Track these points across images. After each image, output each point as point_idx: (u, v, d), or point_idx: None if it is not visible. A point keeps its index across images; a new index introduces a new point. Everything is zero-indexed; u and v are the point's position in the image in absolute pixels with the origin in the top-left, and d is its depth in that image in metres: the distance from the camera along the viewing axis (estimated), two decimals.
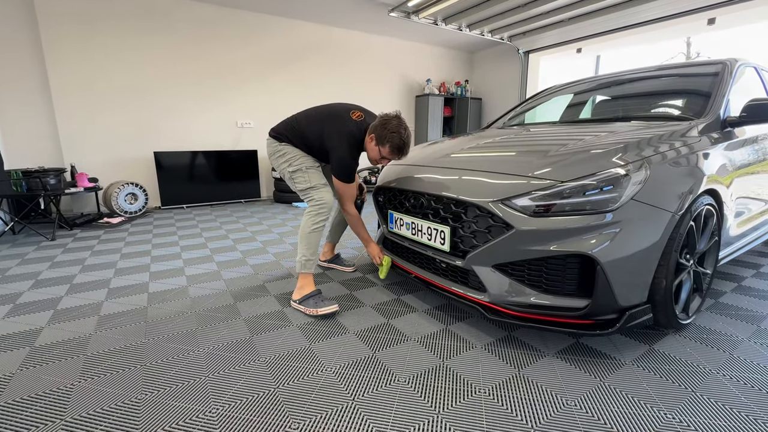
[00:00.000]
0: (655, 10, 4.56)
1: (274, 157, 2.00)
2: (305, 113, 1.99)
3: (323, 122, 1.89)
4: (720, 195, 1.64)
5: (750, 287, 2.05)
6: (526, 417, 1.10)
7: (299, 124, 1.94)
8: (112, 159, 4.49)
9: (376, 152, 1.84)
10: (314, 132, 1.90)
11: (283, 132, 1.95)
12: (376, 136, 1.79)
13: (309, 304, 1.76)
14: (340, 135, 1.84)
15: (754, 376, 1.28)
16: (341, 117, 1.89)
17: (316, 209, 1.86)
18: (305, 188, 1.91)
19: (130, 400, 1.18)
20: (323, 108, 1.99)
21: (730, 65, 2.09)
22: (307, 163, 1.93)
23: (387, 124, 1.77)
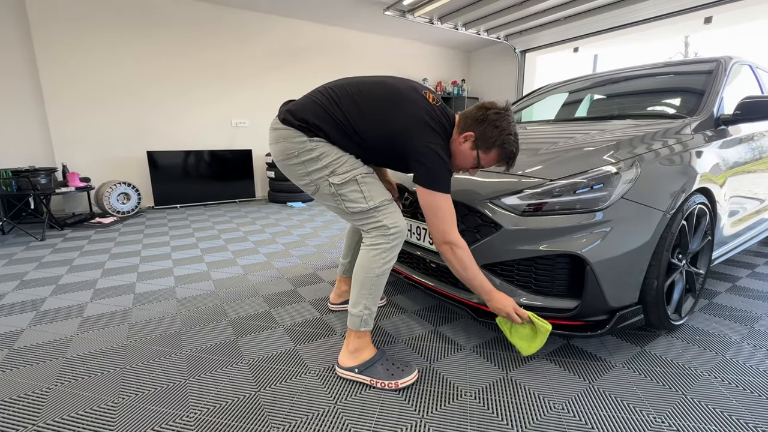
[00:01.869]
0: (652, 9, 4.54)
1: (297, 160, 1.23)
2: (347, 92, 1.24)
3: (395, 109, 1.20)
4: (713, 194, 1.62)
5: (745, 287, 2.03)
6: (512, 421, 1.07)
7: (345, 109, 1.21)
8: (104, 158, 4.45)
9: (470, 158, 1.24)
10: (375, 122, 1.21)
11: (316, 121, 1.20)
12: (478, 137, 1.20)
13: (379, 374, 1.24)
14: (429, 129, 1.19)
15: (746, 379, 1.25)
16: (418, 103, 1.22)
17: (388, 240, 1.22)
18: (366, 209, 1.22)
19: (106, 404, 1.15)
20: (379, 86, 1.25)
21: (724, 63, 2.07)
22: (361, 170, 1.24)
23: (499, 120, 1.18)
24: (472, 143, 1.21)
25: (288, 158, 1.26)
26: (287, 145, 1.24)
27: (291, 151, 1.24)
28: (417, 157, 1.17)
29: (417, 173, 1.19)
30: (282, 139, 1.25)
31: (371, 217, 1.24)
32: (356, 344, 1.29)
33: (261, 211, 4.49)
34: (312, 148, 1.21)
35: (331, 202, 1.28)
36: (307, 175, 1.26)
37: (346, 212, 1.27)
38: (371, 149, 1.26)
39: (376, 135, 1.22)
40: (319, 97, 1.25)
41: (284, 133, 1.24)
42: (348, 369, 1.27)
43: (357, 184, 1.23)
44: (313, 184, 1.27)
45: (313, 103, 1.24)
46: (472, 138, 1.21)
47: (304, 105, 1.26)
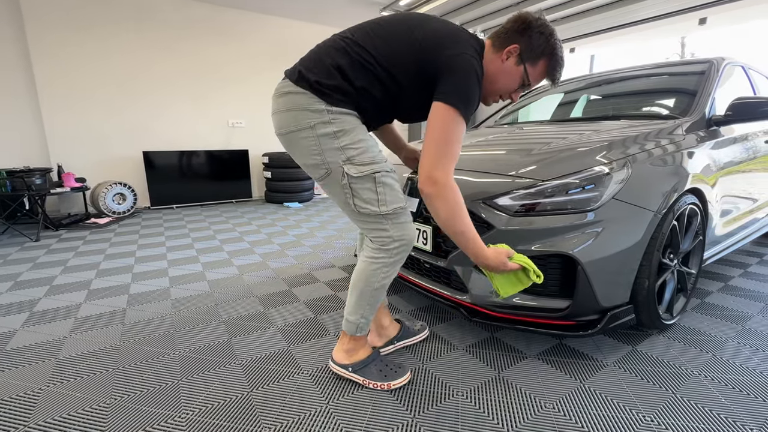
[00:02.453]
0: (647, 10, 4.56)
1: (311, 133, 1.04)
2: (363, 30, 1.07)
3: (420, 27, 1.04)
4: (704, 194, 1.63)
5: (737, 287, 2.04)
6: (502, 420, 1.08)
7: (365, 44, 1.03)
8: (100, 159, 4.44)
9: (516, 76, 1.09)
10: (402, 45, 1.03)
11: (334, 71, 1.01)
12: (523, 48, 1.05)
13: (372, 375, 1.22)
14: (462, 40, 1.03)
15: (736, 378, 1.26)
16: (441, 19, 1.09)
17: (390, 255, 1.11)
18: (375, 214, 1.07)
19: (98, 405, 1.15)
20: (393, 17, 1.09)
21: (716, 64, 2.08)
22: (381, 165, 1.08)
23: (543, 26, 1.05)
24: (517, 57, 1.06)
25: (301, 129, 1.04)
26: (301, 114, 1.03)
27: (305, 121, 1.03)
28: (450, 69, 0.98)
29: (445, 87, 0.99)
30: (294, 106, 1.04)
31: (379, 223, 1.09)
32: (351, 345, 1.26)
33: (257, 211, 4.48)
34: (330, 120, 1.02)
35: (339, 192, 1.09)
36: (320, 154, 1.04)
37: (352, 209, 1.10)
38: (401, 85, 1.05)
39: (406, 57, 1.02)
40: (332, 42, 1.07)
41: (298, 98, 1.03)
42: (342, 366, 1.25)
43: (374, 182, 1.06)
44: (324, 166, 1.06)
45: (330, 49, 1.05)
46: (517, 51, 1.05)
47: (319, 57, 1.05)
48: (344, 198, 1.09)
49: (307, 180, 5.16)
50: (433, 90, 1.03)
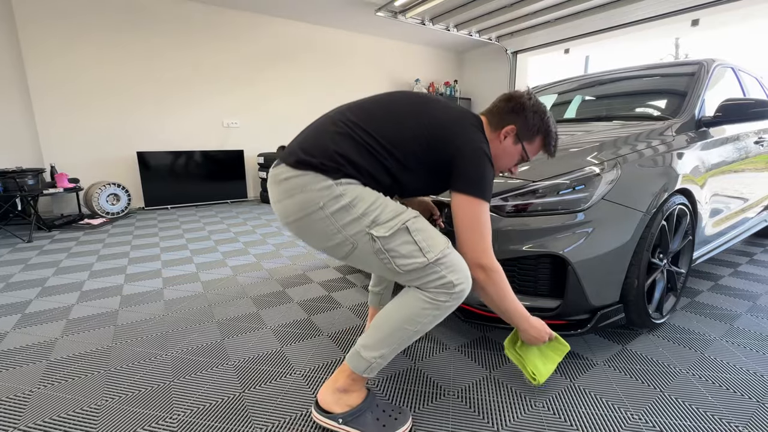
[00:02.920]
0: (641, 11, 4.60)
1: (322, 213, 0.95)
2: (362, 109, 1.05)
3: (425, 110, 1.03)
4: (693, 194, 1.65)
5: (727, 286, 2.06)
6: (493, 419, 1.09)
7: (368, 126, 1.00)
8: (94, 159, 4.41)
9: (515, 154, 1.12)
10: (408, 129, 1.00)
11: (339, 151, 0.96)
12: (519, 128, 1.08)
13: (368, 426, 1.01)
14: (471, 126, 1.04)
15: (723, 376, 1.28)
16: (445, 102, 1.10)
17: (450, 298, 0.97)
18: (424, 265, 0.94)
19: (89, 407, 1.15)
20: (392, 96, 1.10)
21: (706, 65, 2.11)
22: (409, 213, 0.98)
23: (536, 105, 1.09)
24: (514, 137, 1.09)
25: (310, 213, 0.95)
26: (307, 196, 0.94)
27: (313, 203, 0.94)
28: (464, 160, 0.98)
29: (462, 178, 0.98)
30: (298, 190, 0.95)
31: (432, 273, 0.94)
32: (347, 384, 1.04)
33: (252, 211, 4.48)
34: (341, 193, 0.93)
35: (374, 261, 0.97)
36: (340, 232, 0.95)
37: (397, 272, 0.97)
38: (408, 169, 1.01)
39: (413, 145, 1.00)
40: (331, 124, 1.01)
41: (300, 181, 0.94)
42: (329, 417, 1.02)
43: (408, 233, 0.95)
44: (348, 242, 0.96)
45: (327, 132, 0.99)
46: (514, 131, 1.08)
47: (316, 138, 0.99)
48: (383, 264, 0.97)
49: None
50: (443, 174, 1.02)
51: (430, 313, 0.97)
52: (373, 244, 0.95)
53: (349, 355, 1.04)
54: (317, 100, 5.82)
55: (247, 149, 5.28)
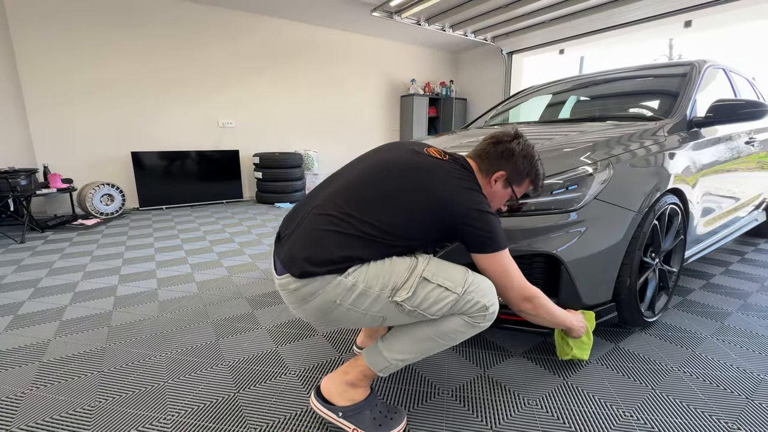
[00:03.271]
0: (635, 12, 4.63)
1: (343, 308, 0.95)
2: (350, 194, 1.00)
3: (417, 185, 0.99)
4: (685, 194, 1.66)
5: (718, 285, 2.09)
6: (487, 418, 1.10)
7: (361, 214, 0.96)
8: (87, 159, 4.38)
9: (504, 197, 1.15)
10: (403, 209, 0.97)
11: (342, 259, 0.93)
12: (509, 173, 1.10)
13: (365, 423, 1.02)
14: (464, 189, 1.01)
15: (713, 373, 1.29)
16: (435, 167, 1.03)
17: (485, 320, 0.99)
18: (459, 297, 0.95)
19: (82, 408, 1.14)
20: (379, 171, 1.04)
21: (698, 66, 2.13)
22: (420, 262, 0.98)
23: (525, 149, 1.11)
24: (504, 182, 1.11)
25: (330, 311, 0.96)
26: (321, 300, 0.94)
27: (330, 303, 0.94)
28: (469, 225, 0.97)
29: (477, 242, 0.99)
30: (311, 297, 0.94)
31: (465, 303, 0.96)
32: (358, 378, 1.04)
33: (248, 212, 4.46)
34: (353, 283, 0.92)
35: (409, 320, 0.99)
36: (366, 314, 0.96)
37: (434, 319, 0.98)
38: (414, 240, 1.00)
39: (415, 223, 0.98)
40: (326, 221, 0.96)
41: (310, 288, 0.93)
42: (330, 408, 1.03)
43: (429, 281, 0.95)
44: (377, 317, 0.97)
45: (324, 232, 0.95)
46: (504, 177, 1.10)
47: (314, 241, 0.95)
48: (418, 319, 0.98)
49: (298, 180, 5.15)
50: (445, 233, 1.02)
51: (466, 331, 1.00)
52: (401, 308, 0.95)
53: (368, 351, 1.05)
54: (313, 99, 5.81)
55: (242, 149, 5.26)
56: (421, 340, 1.00)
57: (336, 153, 6.16)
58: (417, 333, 1.00)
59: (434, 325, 0.99)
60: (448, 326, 0.98)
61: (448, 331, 0.99)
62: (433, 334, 0.99)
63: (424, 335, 1.00)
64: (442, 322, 0.98)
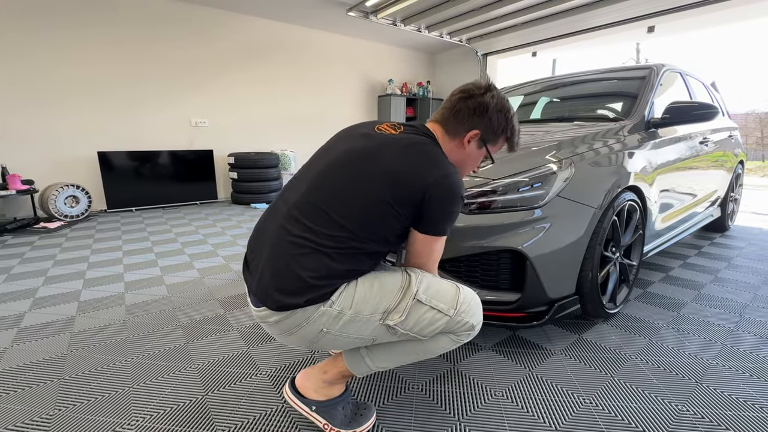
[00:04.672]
0: (602, 17, 4.82)
1: (332, 335, 0.91)
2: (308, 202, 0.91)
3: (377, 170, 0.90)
4: (643, 191, 1.75)
5: (676, 277, 2.20)
6: (454, 410, 1.13)
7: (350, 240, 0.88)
8: (50, 159, 4.18)
9: (478, 158, 1.06)
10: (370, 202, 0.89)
11: (317, 281, 0.86)
12: (484, 132, 1.00)
13: (336, 419, 1.02)
14: (428, 163, 0.91)
15: (667, 360, 1.37)
16: (388, 145, 0.94)
17: (469, 336, 0.99)
18: (451, 318, 0.94)
19: (40, 417, 1.10)
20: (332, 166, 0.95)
21: (656, 70, 2.24)
22: (413, 285, 0.93)
23: (499, 103, 1.00)
24: (478, 141, 1.01)
25: (318, 339, 0.91)
26: (306, 330, 0.89)
27: (316, 331, 0.89)
28: (433, 205, 0.89)
29: (429, 222, 0.92)
30: (295, 328, 0.89)
31: (456, 324, 0.95)
32: (336, 378, 1.03)
33: (223, 213, 4.37)
34: (339, 311, 0.87)
35: (401, 340, 0.97)
36: (357, 338, 0.92)
37: (425, 340, 0.96)
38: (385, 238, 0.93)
39: (378, 215, 0.89)
40: (290, 244, 0.87)
41: (292, 320, 0.88)
42: (304, 402, 1.03)
43: (422, 303, 0.91)
44: (369, 339, 0.94)
45: (290, 257, 0.86)
46: (478, 136, 0.99)
47: (282, 267, 0.87)
48: (410, 340, 0.96)
49: (275, 181, 5.09)
50: (413, 214, 0.92)
51: (447, 347, 0.98)
52: (393, 331, 0.91)
53: (351, 355, 1.01)
54: (290, 99, 5.75)
55: (217, 149, 5.15)
56: (405, 353, 0.99)
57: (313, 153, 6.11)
58: (403, 347, 0.99)
59: (422, 343, 0.97)
60: (435, 345, 0.97)
61: (434, 348, 0.98)
62: (419, 350, 0.98)
63: (409, 350, 0.99)
64: (429, 341, 0.96)
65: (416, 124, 1.03)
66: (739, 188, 3.38)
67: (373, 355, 0.99)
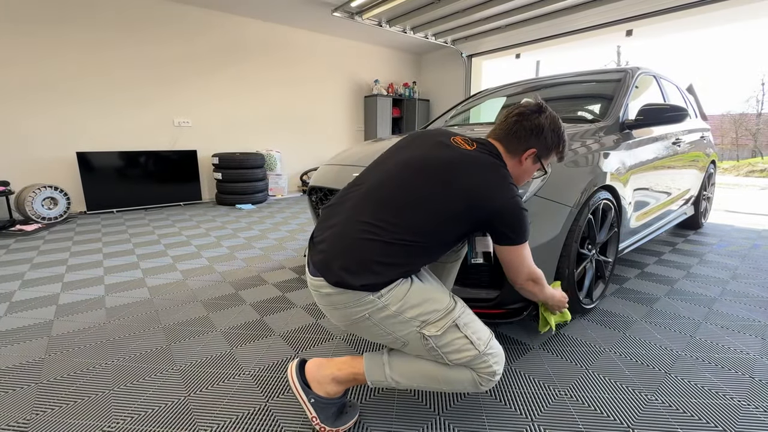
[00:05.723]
0: (582, 21, 4.94)
1: (370, 322, 0.96)
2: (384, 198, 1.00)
3: (451, 185, 0.98)
4: (617, 190, 1.81)
5: (651, 273, 2.28)
6: (433, 404, 1.15)
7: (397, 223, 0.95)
8: (26, 160, 4.06)
9: (533, 171, 1.16)
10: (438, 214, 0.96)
11: (376, 267, 0.92)
12: (540, 150, 1.10)
13: (326, 416, 1.04)
14: (497, 184, 1.00)
15: (639, 352, 1.43)
16: (465, 162, 1.02)
17: (491, 383, 0.99)
18: (478, 354, 0.96)
19: (17, 422, 1.08)
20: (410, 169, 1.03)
21: (631, 73, 2.32)
22: (458, 308, 1.00)
23: (554, 122, 1.11)
24: (533, 158, 1.11)
25: (357, 322, 0.97)
26: (351, 311, 0.96)
27: (359, 315, 0.95)
28: (503, 221, 0.99)
29: (507, 236, 1.02)
30: (341, 306, 0.96)
31: (482, 362, 0.97)
32: (347, 379, 1.05)
33: (207, 214, 4.33)
34: (384, 304, 0.93)
35: (425, 354, 0.99)
36: (390, 334, 0.97)
37: (448, 365, 0.99)
38: (446, 243, 1.02)
39: (448, 224, 0.97)
40: (359, 230, 0.95)
41: (342, 298, 0.94)
42: (305, 391, 1.05)
43: (459, 329, 0.96)
44: (399, 341, 0.98)
45: (358, 240, 0.94)
46: (534, 153, 1.10)
47: (348, 248, 0.94)
48: (434, 357, 0.99)
49: (260, 181, 5.05)
50: (476, 227, 1.02)
51: (466, 385, 0.99)
52: (425, 342, 0.96)
53: (371, 359, 1.04)
54: (276, 99, 5.71)
55: (201, 149, 5.08)
56: (426, 376, 1.00)
57: (300, 153, 6.10)
58: (426, 369, 1.00)
59: (446, 369, 0.98)
60: (457, 376, 0.98)
61: (454, 381, 0.99)
62: (440, 377, 0.99)
63: (431, 374, 1.00)
64: (453, 369, 0.98)
65: (485, 142, 1.12)
66: (711, 187, 3.51)
67: (393, 364, 1.02)
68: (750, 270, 2.32)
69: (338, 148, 6.37)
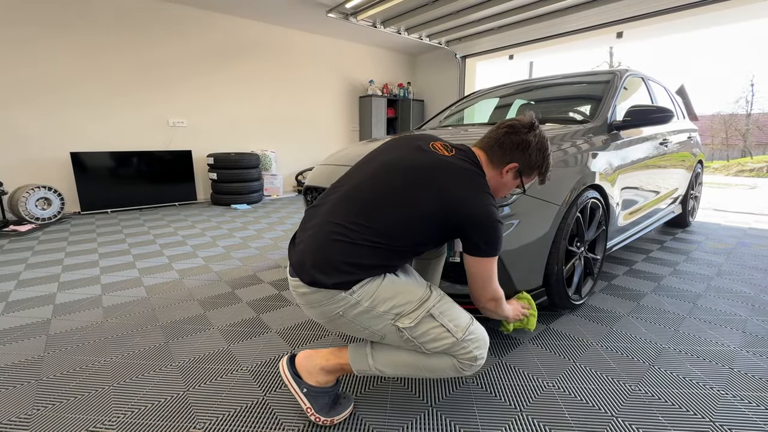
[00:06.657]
0: (574, 23, 5.01)
1: (345, 319, 0.99)
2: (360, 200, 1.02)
3: (427, 190, 0.99)
4: (605, 189, 1.86)
5: (639, 270, 2.34)
6: (426, 396, 1.19)
7: (373, 225, 0.97)
8: (19, 160, 4.05)
9: (512, 186, 1.17)
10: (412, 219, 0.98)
11: (347, 267, 0.95)
12: (522, 166, 1.11)
13: (320, 406, 1.07)
14: (473, 191, 1.01)
15: (624, 345, 1.48)
16: (441, 167, 1.03)
17: (472, 369, 1.02)
18: (456, 341, 0.98)
19: (18, 417, 1.11)
20: (388, 174, 1.04)
21: (619, 75, 2.38)
22: (431, 298, 1.01)
23: (540, 142, 1.11)
24: (514, 173, 1.12)
25: (333, 318, 1.00)
26: (325, 309, 0.99)
27: (333, 312, 0.99)
28: (476, 229, 0.99)
29: (478, 246, 1.01)
30: (316, 304, 0.99)
31: (461, 348, 0.98)
32: (335, 369, 1.08)
33: (202, 214, 4.33)
34: (357, 301, 0.96)
35: (404, 346, 1.01)
36: (366, 329, 1.00)
37: (424, 352, 1.01)
38: (421, 243, 1.03)
39: (424, 226, 0.99)
40: (333, 232, 0.97)
41: (316, 297, 0.98)
42: (297, 382, 1.08)
43: (434, 318, 0.98)
44: (376, 335, 1.01)
45: (332, 242, 0.96)
46: (516, 168, 1.10)
47: (322, 249, 0.97)
48: (413, 348, 1.01)
49: (255, 181, 5.07)
50: (449, 233, 1.02)
51: (448, 371, 1.02)
52: (401, 334, 0.98)
53: (355, 350, 1.07)
54: (271, 99, 5.73)
55: (196, 150, 5.08)
56: (407, 365, 1.03)
57: (295, 153, 6.12)
58: (407, 358, 1.03)
59: (426, 358, 1.01)
60: (438, 364, 1.01)
61: (435, 368, 1.02)
62: (422, 365, 1.02)
63: (412, 362, 1.03)
64: (433, 357, 1.01)
65: (464, 149, 1.11)
66: (699, 186, 3.59)
67: (376, 354, 1.05)
68: (734, 267, 2.38)
69: (333, 148, 6.40)
